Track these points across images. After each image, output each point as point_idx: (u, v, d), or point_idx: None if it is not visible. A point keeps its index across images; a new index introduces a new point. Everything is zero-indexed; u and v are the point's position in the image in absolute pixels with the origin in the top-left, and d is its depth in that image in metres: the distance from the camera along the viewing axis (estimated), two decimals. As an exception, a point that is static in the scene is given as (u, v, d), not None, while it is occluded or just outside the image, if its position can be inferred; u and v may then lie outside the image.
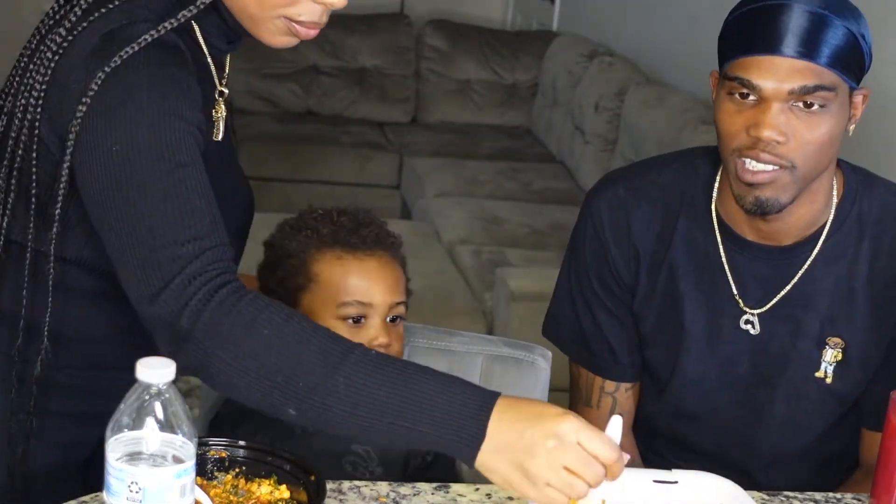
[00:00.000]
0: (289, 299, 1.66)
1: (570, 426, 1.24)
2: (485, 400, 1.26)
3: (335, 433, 1.35)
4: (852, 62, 1.59)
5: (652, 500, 1.48)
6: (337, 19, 5.72)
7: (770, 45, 1.56)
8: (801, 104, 1.57)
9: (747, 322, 1.74)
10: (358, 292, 1.66)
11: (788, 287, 1.73)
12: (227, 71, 1.55)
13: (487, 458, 1.25)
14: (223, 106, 1.52)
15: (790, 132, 1.57)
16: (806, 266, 1.72)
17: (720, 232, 1.74)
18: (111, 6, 1.39)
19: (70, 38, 1.38)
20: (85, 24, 1.38)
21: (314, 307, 1.65)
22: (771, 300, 1.73)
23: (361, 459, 1.69)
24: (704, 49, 4.44)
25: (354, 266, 1.67)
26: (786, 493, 1.62)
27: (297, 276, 1.66)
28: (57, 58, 1.38)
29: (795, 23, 1.56)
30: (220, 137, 1.51)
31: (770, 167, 1.59)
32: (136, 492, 1.14)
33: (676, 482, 1.49)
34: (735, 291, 1.74)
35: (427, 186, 4.83)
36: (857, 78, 1.62)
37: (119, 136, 1.33)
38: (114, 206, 1.33)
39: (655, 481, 1.49)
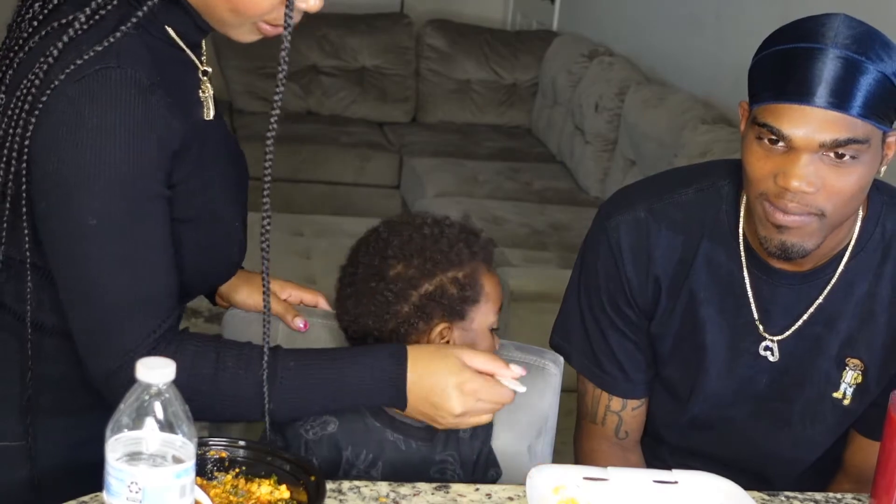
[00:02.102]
0: (448, 311, 1.64)
1: (457, 365, 1.49)
2: (399, 367, 1.49)
3: None
4: (886, 107, 1.53)
5: (652, 500, 1.48)
6: (337, 19, 5.75)
7: (802, 94, 1.50)
8: (832, 154, 1.51)
9: (766, 349, 1.72)
10: (501, 299, 1.70)
11: (811, 310, 1.70)
12: (204, 49, 1.53)
13: (413, 411, 1.52)
14: (209, 84, 1.52)
15: (819, 182, 1.52)
16: (829, 288, 1.69)
17: (746, 256, 1.70)
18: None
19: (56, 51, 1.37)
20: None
21: (479, 317, 1.66)
22: (792, 326, 1.71)
23: (449, 465, 1.71)
24: (704, 49, 4.45)
25: (497, 279, 1.70)
26: (786, 493, 1.62)
27: (466, 290, 1.65)
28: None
29: (829, 70, 1.49)
30: (210, 116, 1.52)
31: (800, 215, 1.54)
32: (136, 492, 1.14)
33: (676, 482, 1.49)
34: (756, 317, 1.71)
35: (427, 186, 4.83)
36: (891, 120, 1.56)
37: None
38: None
39: (655, 481, 1.49)
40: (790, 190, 1.52)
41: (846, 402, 1.74)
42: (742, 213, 1.70)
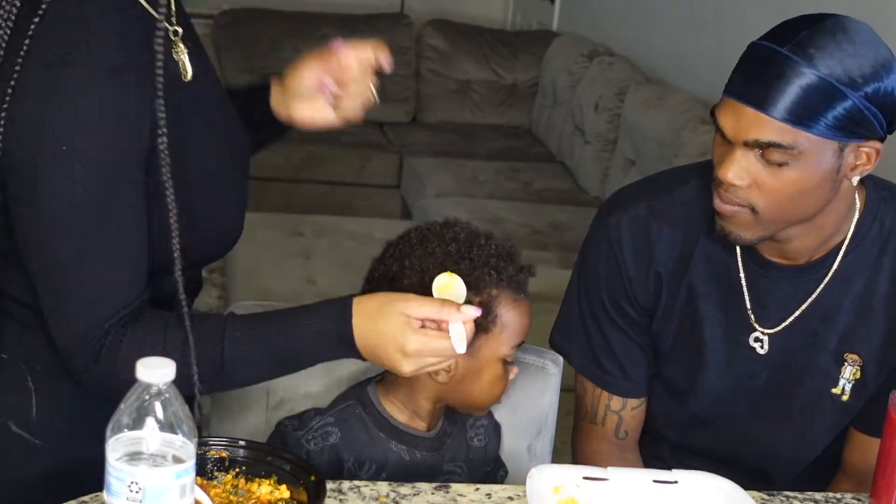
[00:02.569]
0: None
1: (398, 324, 1.43)
2: (346, 326, 1.45)
3: None
4: (820, 115, 1.49)
5: (652, 500, 1.48)
6: (337, 19, 5.75)
7: (740, 92, 1.53)
8: (760, 154, 1.53)
9: (756, 340, 1.73)
10: (523, 335, 1.65)
11: (806, 304, 1.71)
12: (174, 8, 1.47)
13: (372, 361, 1.48)
14: (182, 45, 1.48)
15: (750, 178, 1.55)
16: (824, 283, 1.70)
17: (742, 250, 1.71)
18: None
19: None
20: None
21: (489, 347, 1.61)
22: (787, 319, 1.72)
23: (457, 476, 1.69)
24: (704, 49, 4.45)
25: (524, 308, 1.65)
26: (786, 493, 1.62)
27: (476, 320, 1.55)
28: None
29: (768, 71, 1.50)
30: (188, 77, 1.48)
31: (733, 206, 1.58)
32: (136, 492, 1.14)
33: (676, 482, 1.49)
34: (749, 308, 1.72)
35: (427, 186, 4.83)
36: (863, 135, 1.53)
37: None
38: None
39: (655, 481, 1.49)
40: (721, 180, 1.56)
41: (845, 397, 1.74)
42: None
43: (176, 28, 1.48)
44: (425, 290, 1.49)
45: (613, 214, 1.76)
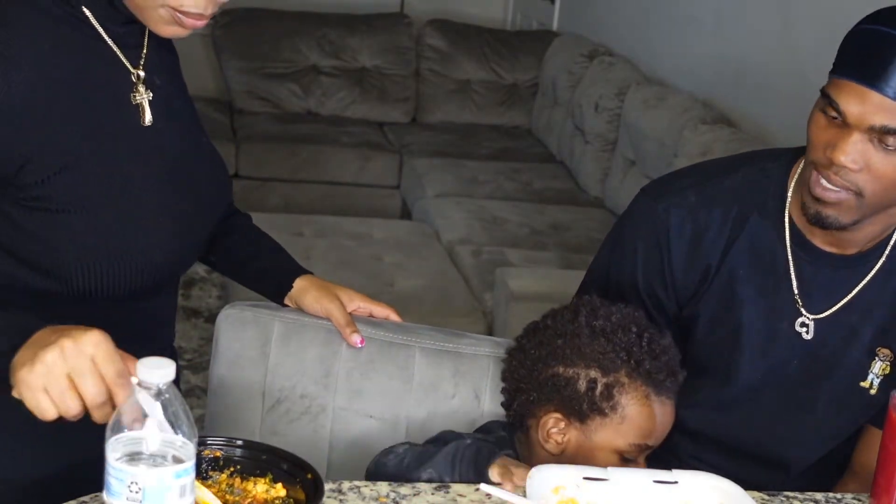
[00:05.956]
0: (566, 404, 1.59)
1: (95, 338, 1.21)
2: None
3: None
4: None
5: (652, 500, 1.48)
6: (337, 19, 5.75)
7: (865, 76, 1.54)
8: (881, 140, 1.55)
9: (803, 325, 1.74)
10: (651, 436, 1.61)
11: (850, 296, 1.72)
12: (145, 51, 1.54)
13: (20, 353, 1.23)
14: (142, 89, 1.52)
15: (863, 162, 1.56)
16: (870, 276, 1.71)
17: (791, 237, 1.72)
18: None
19: None
20: None
21: (604, 433, 1.58)
22: (830, 308, 1.73)
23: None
24: (704, 49, 4.45)
25: (657, 409, 1.60)
26: (786, 493, 1.62)
27: (596, 397, 1.57)
28: None
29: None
30: (147, 122, 1.52)
31: (838, 189, 1.58)
32: (136, 492, 1.14)
33: (677, 482, 1.49)
34: (797, 293, 1.73)
35: (427, 186, 4.84)
36: None
37: None
38: None
39: (655, 481, 1.49)
40: (835, 163, 1.56)
41: (873, 391, 1.75)
42: (790, 195, 1.73)
43: (138, 73, 1.52)
44: (551, 354, 1.57)
45: (662, 200, 1.76)
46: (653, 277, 1.76)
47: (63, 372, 1.20)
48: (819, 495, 1.62)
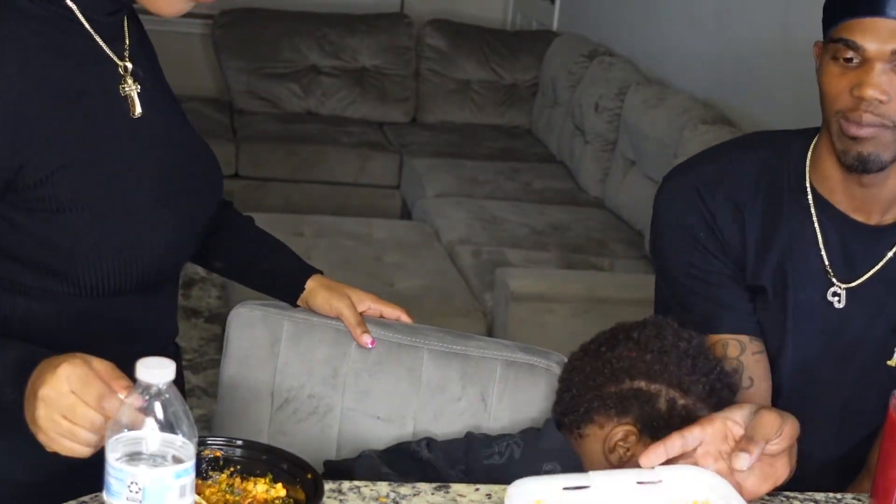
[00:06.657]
0: (644, 420, 1.59)
1: (64, 372, 1.26)
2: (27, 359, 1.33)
3: None
4: None
5: (638, 501, 1.44)
6: (337, 19, 5.75)
7: (873, 7, 1.59)
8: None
9: (835, 294, 1.75)
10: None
11: (877, 267, 1.74)
12: (127, 43, 1.54)
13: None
14: (130, 81, 1.52)
15: (893, 91, 1.60)
16: (895, 249, 1.74)
17: (815, 204, 1.75)
18: None
19: None
20: None
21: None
22: (859, 277, 1.74)
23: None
24: (704, 49, 4.45)
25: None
26: (785, 493, 1.61)
27: (674, 417, 1.57)
28: None
29: None
30: (136, 114, 1.52)
31: (873, 125, 1.61)
32: (136, 492, 1.14)
33: (660, 481, 1.46)
34: (827, 263, 1.74)
35: (427, 186, 4.84)
36: None
37: None
38: None
39: (639, 483, 1.45)
40: (865, 99, 1.60)
41: None
42: (808, 166, 1.75)
43: (126, 64, 1.52)
44: (635, 366, 1.55)
45: (685, 177, 1.81)
46: (710, 243, 1.77)
47: (59, 417, 1.26)
48: (819, 495, 1.62)
